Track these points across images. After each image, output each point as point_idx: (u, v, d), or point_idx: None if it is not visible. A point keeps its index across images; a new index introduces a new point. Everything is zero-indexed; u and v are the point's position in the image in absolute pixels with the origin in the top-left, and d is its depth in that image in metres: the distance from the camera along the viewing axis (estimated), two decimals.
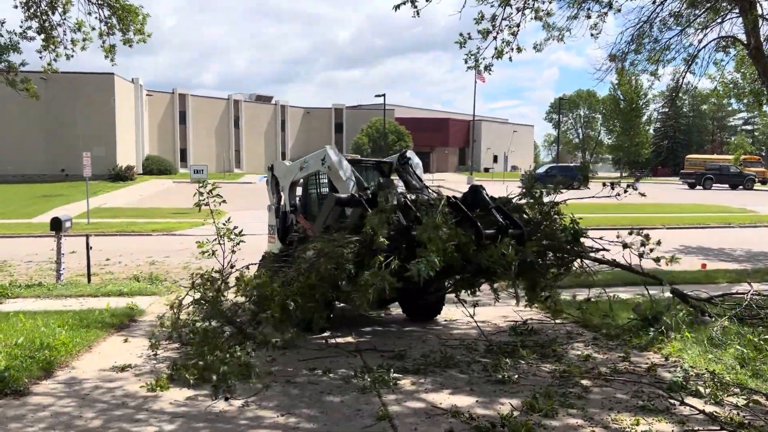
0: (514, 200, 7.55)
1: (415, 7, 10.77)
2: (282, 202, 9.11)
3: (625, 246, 7.24)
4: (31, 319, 7.55)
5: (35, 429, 4.51)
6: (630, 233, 7.36)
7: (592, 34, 12.83)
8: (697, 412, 4.68)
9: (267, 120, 66.81)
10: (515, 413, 4.66)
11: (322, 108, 72.12)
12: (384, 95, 54.45)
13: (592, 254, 7.54)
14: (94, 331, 7.13)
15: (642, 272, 7.54)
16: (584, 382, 5.49)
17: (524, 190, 7.62)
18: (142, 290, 10.45)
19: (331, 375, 5.75)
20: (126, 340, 7.09)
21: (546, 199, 7.54)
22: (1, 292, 9.90)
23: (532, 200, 7.52)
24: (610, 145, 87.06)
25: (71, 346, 6.40)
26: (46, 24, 12.00)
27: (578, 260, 7.55)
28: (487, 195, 7.31)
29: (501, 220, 6.91)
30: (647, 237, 7.24)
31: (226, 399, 5.06)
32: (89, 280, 11.58)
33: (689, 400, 4.92)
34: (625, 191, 7.42)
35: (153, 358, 6.32)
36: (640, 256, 7.22)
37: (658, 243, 7.14)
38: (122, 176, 44.32)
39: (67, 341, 6.47)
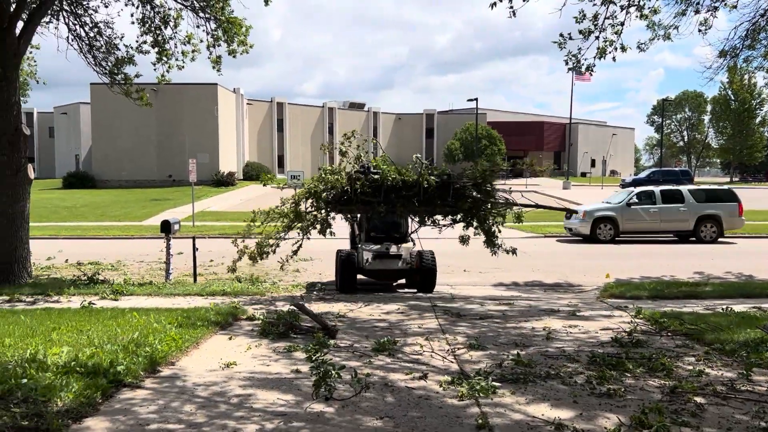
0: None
1: (511, 6, 10.62)
2: None
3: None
4: (144, 315, 8.03)
5: (143, 420, 4.75)
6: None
7: (700, 30, 12.12)
8: None
9: (359, 126, 67.89)
10: (623, 429, 4.44)
11: (414, 114, 72.42)
12: (476, 99, 53.96)
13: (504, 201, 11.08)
14: (200, 329, 7.46)
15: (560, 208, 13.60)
16: (698, 399, 5.14)
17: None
18: (243, 290, 10.90)
19: (428, 380, 5.71)
20: (230, 338, 7.37)
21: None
22: (118, 290, 10.61)
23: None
24: (718, 149, 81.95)
25: (181, 343, 6.73)
26: (159, 38, 12.77)
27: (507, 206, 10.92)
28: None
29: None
30: None
31: (326, 399, 5.13)
32: (195, 280, 12.18)
33: None
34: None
35: (255, 358, 6.55)
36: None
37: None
38: (224, 181, 46.49)
39: (177, 338, 6.80)
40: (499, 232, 11.05)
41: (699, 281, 12.28)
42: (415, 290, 11.60)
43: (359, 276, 11.58)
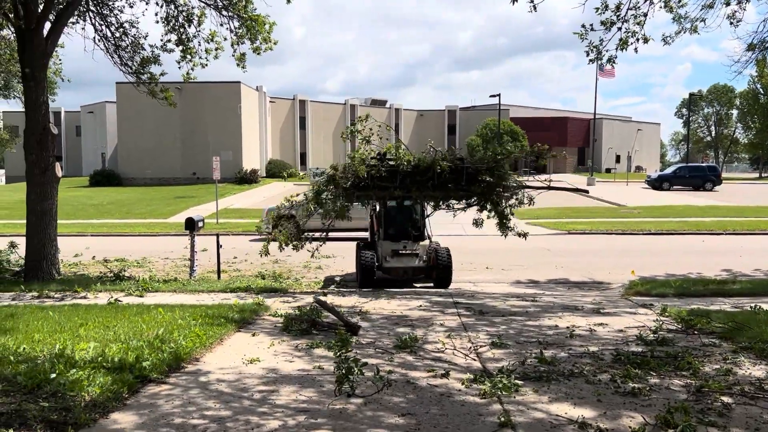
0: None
1: (532, 1, 10.52)
2: None
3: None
4: (169, 312, 8.13)
5: (168, 414, 4.81)
6: None
7: (731, 23, 11.86)
8: None
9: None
10: (647, 428, 4.39)
11: (435, 110, 72.17)
12: (498, 95, 53.64)
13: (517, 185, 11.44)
14: (224, 325, 7.54)
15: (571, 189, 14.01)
16: (724, 398, 5.06)
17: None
18: (267, 287, 10.98)
19: (450, 378, 5.70)
20: (254, 335, 7.43)
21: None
22: (144, 287, 10.76)
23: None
24: (747, 144, 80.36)
25: (205, 339, 6.80)
26: (183, 36, 12.88)
27: (521, 190, 11.28)
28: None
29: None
30: None
31: (349, 395, 5.15)
32: (219, 277, 12.29)
33: None
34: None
35: (277, 354, 6.59)
36: None
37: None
38: (247, 179, 46.84)
39: (201, 334, 6.88)
40: (512, 215, 11.46)
41: (726, 279, 12.08)
42: (432, 285, 11.92)
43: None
